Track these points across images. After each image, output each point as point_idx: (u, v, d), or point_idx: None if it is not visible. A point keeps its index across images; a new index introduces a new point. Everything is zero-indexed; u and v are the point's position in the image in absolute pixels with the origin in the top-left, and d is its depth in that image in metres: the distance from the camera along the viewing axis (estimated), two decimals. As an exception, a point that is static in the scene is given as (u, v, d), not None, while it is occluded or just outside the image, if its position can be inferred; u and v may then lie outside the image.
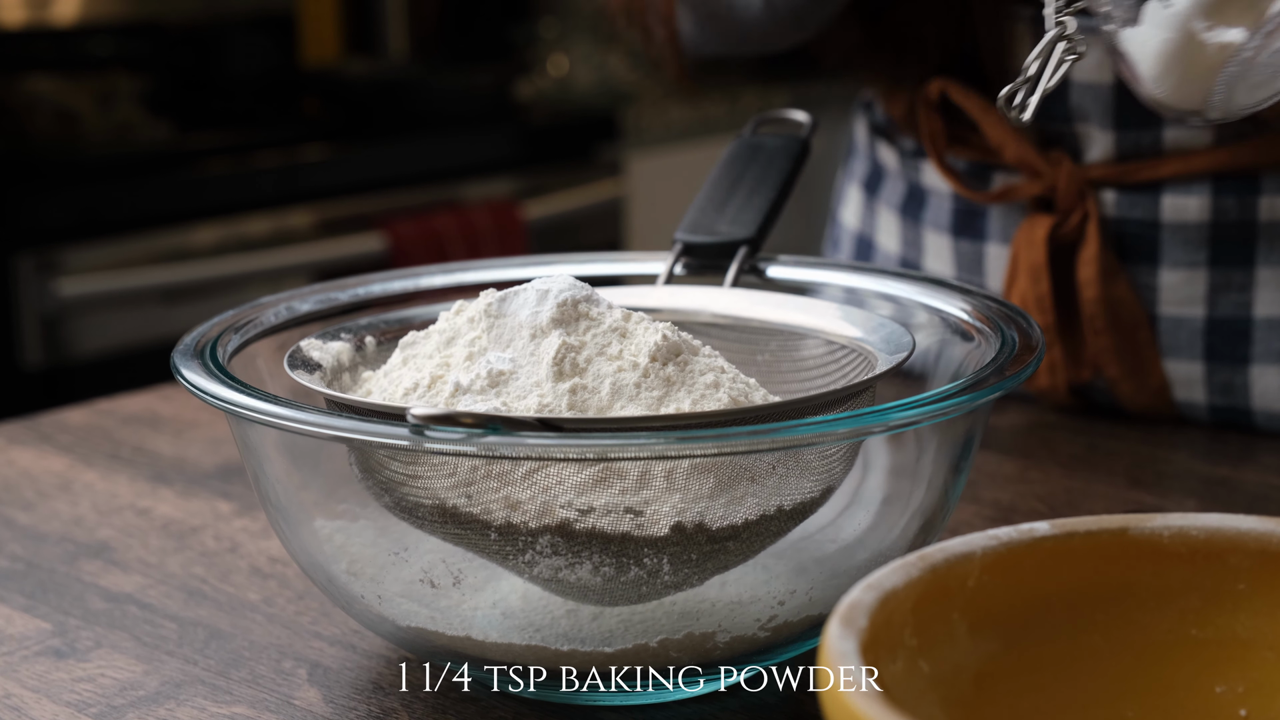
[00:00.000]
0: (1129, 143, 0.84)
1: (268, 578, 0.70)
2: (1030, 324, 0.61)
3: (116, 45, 2.42)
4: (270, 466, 0.60)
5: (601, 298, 0.58)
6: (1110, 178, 0.84)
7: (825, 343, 0.66)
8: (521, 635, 0.57)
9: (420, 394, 0.57)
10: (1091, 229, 0.84)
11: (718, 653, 0.57)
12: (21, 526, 0.77)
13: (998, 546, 0.46)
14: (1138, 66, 0.56)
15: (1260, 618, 0.47)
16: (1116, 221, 0.85)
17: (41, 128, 2.22)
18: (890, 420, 0.52)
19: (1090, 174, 0.84)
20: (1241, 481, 0.80)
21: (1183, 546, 0.47)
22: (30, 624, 0.66)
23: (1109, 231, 0.85)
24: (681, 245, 0.72)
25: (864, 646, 0.41)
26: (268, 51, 2.57)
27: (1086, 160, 0.85)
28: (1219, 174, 0.83)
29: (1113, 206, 0.85)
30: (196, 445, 0.88)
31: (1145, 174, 0.83)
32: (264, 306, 0.66)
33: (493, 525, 0.54)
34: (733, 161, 0.76)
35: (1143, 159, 0.84)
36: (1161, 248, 0.84)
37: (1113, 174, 0.84)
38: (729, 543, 0.55)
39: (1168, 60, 0.54)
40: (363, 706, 0.59)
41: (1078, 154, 0.85)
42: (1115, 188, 0.84)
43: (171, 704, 0.59)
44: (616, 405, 0.55)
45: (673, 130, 2.84)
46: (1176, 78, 0.55)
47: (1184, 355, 0.85)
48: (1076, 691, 0.47)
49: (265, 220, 2.16)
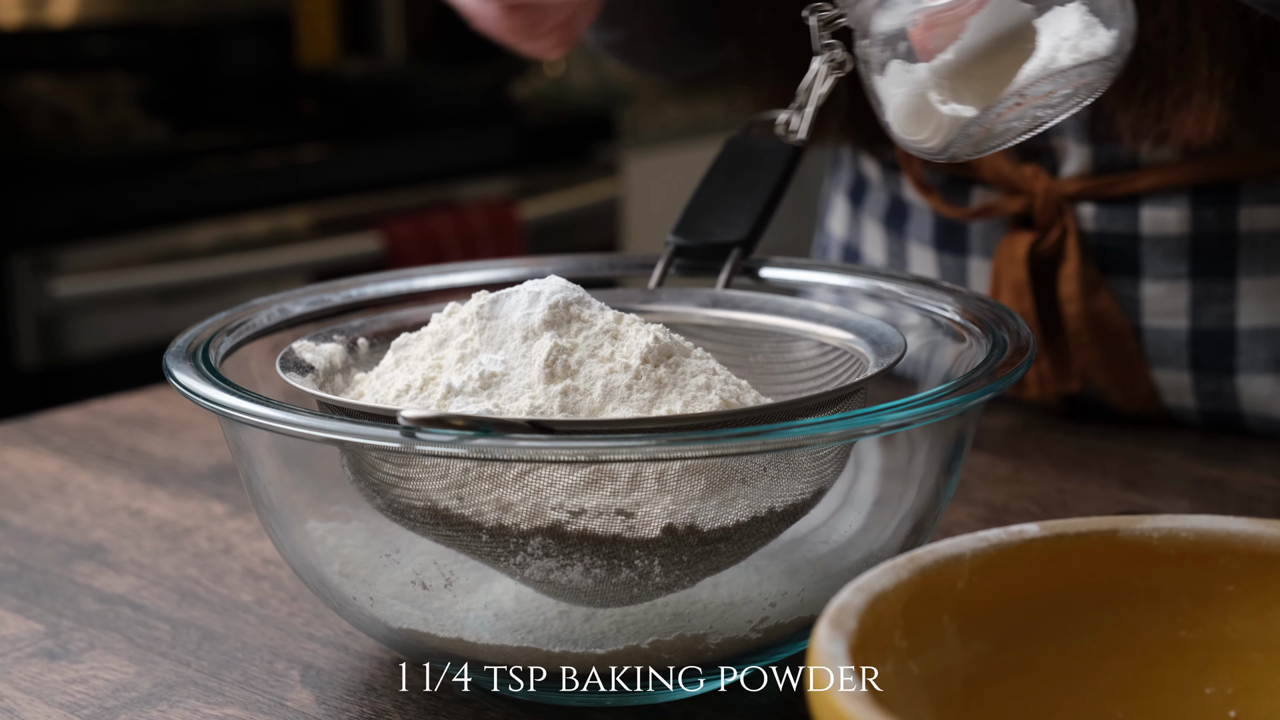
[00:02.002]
0: (1105, 156, 0.83)
1: (261, 579, 0.70)
2: (1021, 325, 0.61)
3: (113, 45, 2.41)
4: (262, 468, 0.60)
5: (593, 300, 0.59)
6: (1088, 191, 0.84)
7: (817, 344, 0.66)
8: (514, 637, 0.57)
9: (412, 396, 0.57)
10: (1071, 245, 0.84)
11: (709, 654, 0.57)
12: (15, 528, 0.77)
13: (987, 548, 0.46)
14: (882, 106, 0.61)
15: (1249, 619, 0.47)
16: (1097, 235, 0.84)
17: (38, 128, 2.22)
18: (882, 422, 0.52)
19: (1067, 189, 0.84)
20: (1234, 482, 0.80)
21: (1172, 548, 0.47)
22: (23, 625, 0.66)
23: (1089, 245, 0.85)
24: (674, 247, 0.72)
25: (853, 649, 0.41)
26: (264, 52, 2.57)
27: (1063, 175, 0.85)
28: (1197, 186, 0.82)
29: (1092, 220, 0.84)
30: (190, 446, 0.88)
31: (1122, 187, 0.83)
32: (256, 308, 0.66)
33: (484, 527, 0.54)
34: (725, 163, 0.76)
35: (1119, 172, 0.83)
36: (1143, 260, 0.84)
37: (1090, 188, 0.84)
38: (720, 544, 0.55)
39: (905, 112, 0.60)
40: (355, 708, 0.59)
41: (1054, 169, 0.85)
42: (1094, 201, 0.84)
43: (164, 705, 0.59)
44: (608, 407, 0.55)
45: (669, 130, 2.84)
46: (912, 127, 0.60)
47: (1171, 365, 0.85)
48: (1066, 693, 0.47)
49: (262, 221, 2.16)
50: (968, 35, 0.58)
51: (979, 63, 0.58)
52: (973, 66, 0.58)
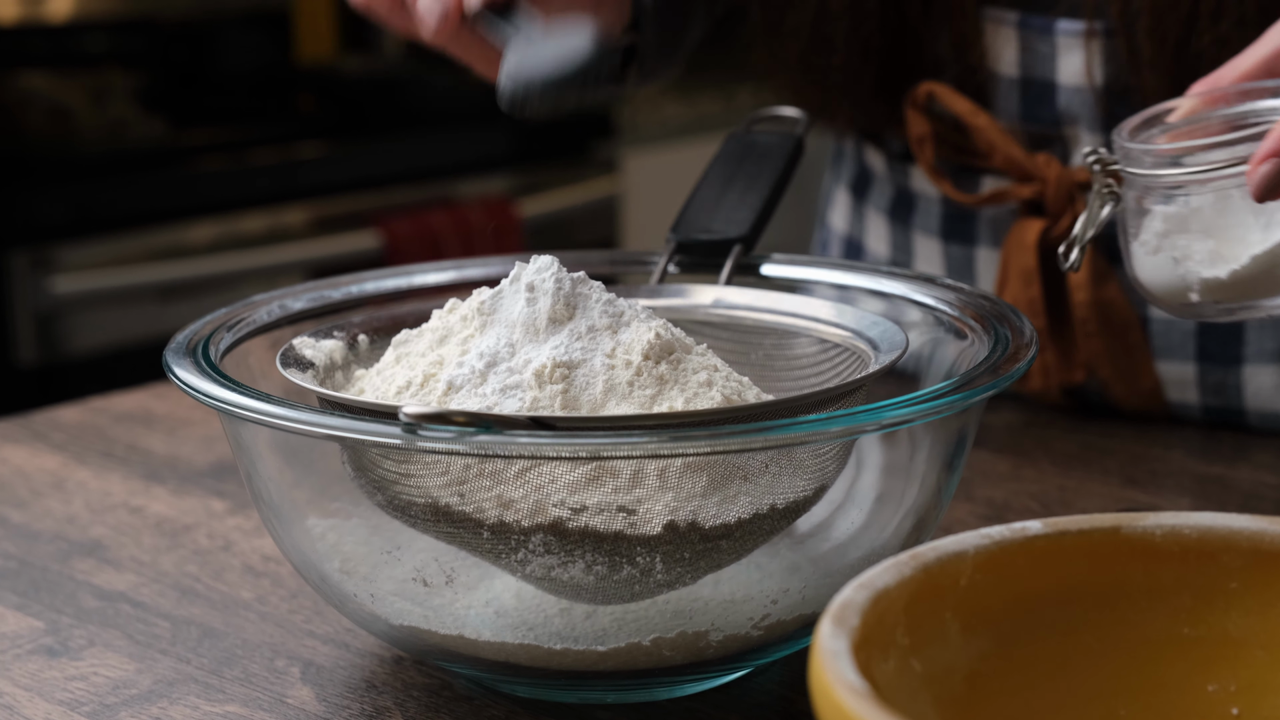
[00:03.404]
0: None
1: (261, 576, 0.70)
2: (1023, 322, 0.61)
3: (111, 42, 2.41)
4: (263, 465, 0.60)
5: (594, 295, 0.58)
6: None
7: (818, 341, 0.65)
8: (514, 634, 0.57)
9: (413, 392, 0.57)
10: None
11: (711, 651, 0.57)
12: (14, 525, 0.77)
13: (990, 545, 0.46)
14: (1131, 261, 0.67)
15: (1252, 616, 0.47)
16: (1106, 224, 0.84)
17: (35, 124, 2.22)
18: (883, 419, 0.52)
19: (1079, 176, 0.84)
20: (1235, 479, 0.80)
21: (1175, 545, 0.47)
22: (23, 622, 0.66)
23: (1099, 234, 0.85)
24: (675, 243, 0.72)
25: (856, 645, 0.41)
26: (263, 48, 2.56)
27: (1075, 163, 0.85)
28: None
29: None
30: (190, 444, 0.88)
31: None
32: (256, 305, 0.66)
33: (485, 524, 0.54)
34: (726, 159, 0.76)
35: None
36: None
37: None
38: (722, 541, 0.55)
39: (1149, 275, 0.66)
40: (356, 705, 0.59)
41: (1067, 157, 0.85)
42: None
43: (164, 702, 0.59)
44: (609, 403, 0.55)
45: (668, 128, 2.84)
46: (1157, 290, 0.66)
47: (1176, 357, 0.85)
48: (1069, 690, 0.47)
49: (260, 218, 2.15)
50: (1244, 264, 0.63)
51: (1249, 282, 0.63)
52: (1244, 285, 0.63)
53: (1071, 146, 0.85)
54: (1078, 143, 0.85)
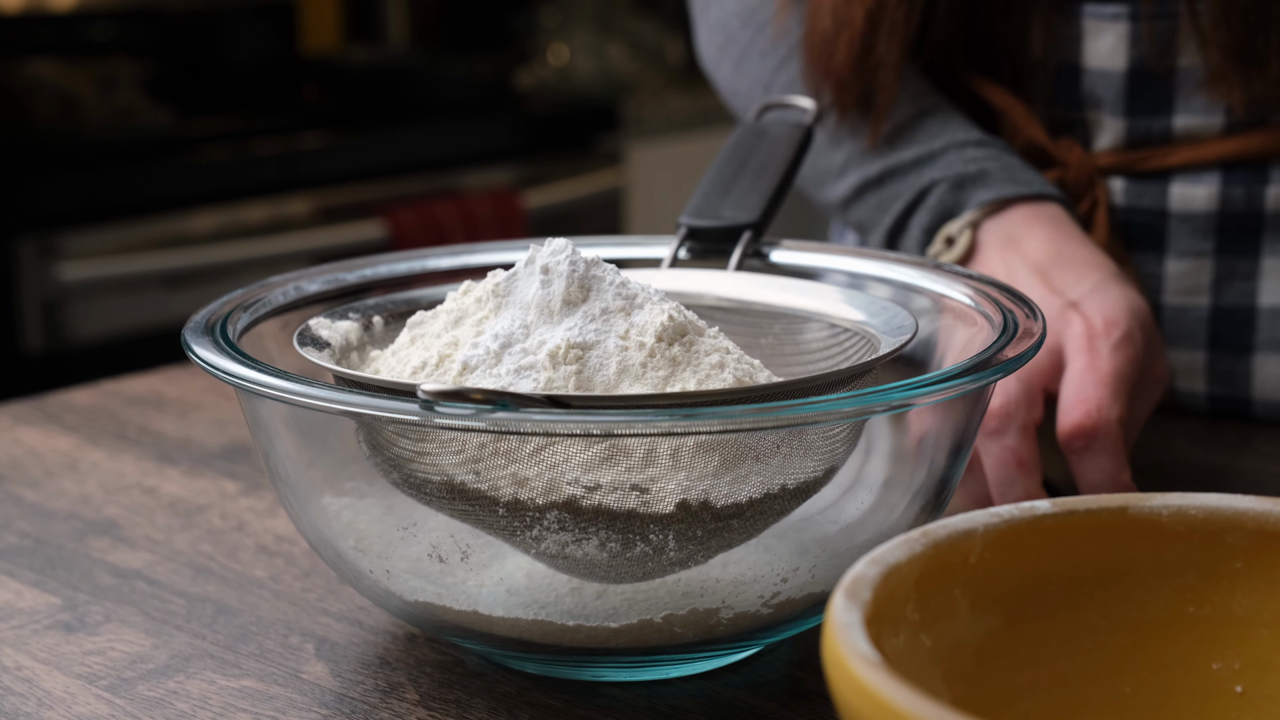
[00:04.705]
0: (1140, 130, 0.84)
1: (274, 555, 0.71)
2: (1032, 307, 0.62)
3: (117, 30, 2.42)
4: (280, 443, 0.60)
5: (608, 278, 0.59)
6: (1120, 165, 0.85)
7: (828, 326, 0.66)
8: (527, 611, 0.58)
9: (428, 372, 0.58)
10: (1100, 217, 0.85)
11: (721, 629, 0.57)
12: (30, 504, 0.78)
13: (999, 524, 0.47)
14: None
15: (1257, 596, 0.48)
16: (1125, 210, 0.85)
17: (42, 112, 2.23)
18: (892, 400, 0.53)
19: (1099, 161, 0.85)
20: (1239, 469, 0.81)
21: (1181, 525, 0.48)
22: (40, 598, 0.67)
23: (1116, 220, 0.85)
24: (686, 229, 0.72)
25: (868, 619, 0.42)
26: (268, 38, 2.57)
27: (1096, 148, 0.86)
28: (1228, 163, 0.83)
29: (1121, 195, 0.85)
30: (201, 426, 0.88)
31: (1155, 162, 0.84)
32: (272, 286, 0.67)
33: (500, 501, 0.55)
34: (737, 147, 0.76)
35: (1153, 147, 0.84)
36: (1168, 237, 0.85)
37: (1122, 162, 0.85)
38: (733, 521, 0.56)
39: None
40: (370, 680, 0.60)
41: (1088, 142, 0.86)
42: (1124, 176, 0.85)
43: (181, 677, 0.60)
44: (623, 384, 0.56)
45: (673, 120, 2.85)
46: None
47: (1186, 344, 0.86)
48: (1075, 667, 0.48)
49: (265, 207, 2.16)
50: None
51: None
52: None
53: (1093, 131, 0.86)
54: (1099, 127, 0.85)
